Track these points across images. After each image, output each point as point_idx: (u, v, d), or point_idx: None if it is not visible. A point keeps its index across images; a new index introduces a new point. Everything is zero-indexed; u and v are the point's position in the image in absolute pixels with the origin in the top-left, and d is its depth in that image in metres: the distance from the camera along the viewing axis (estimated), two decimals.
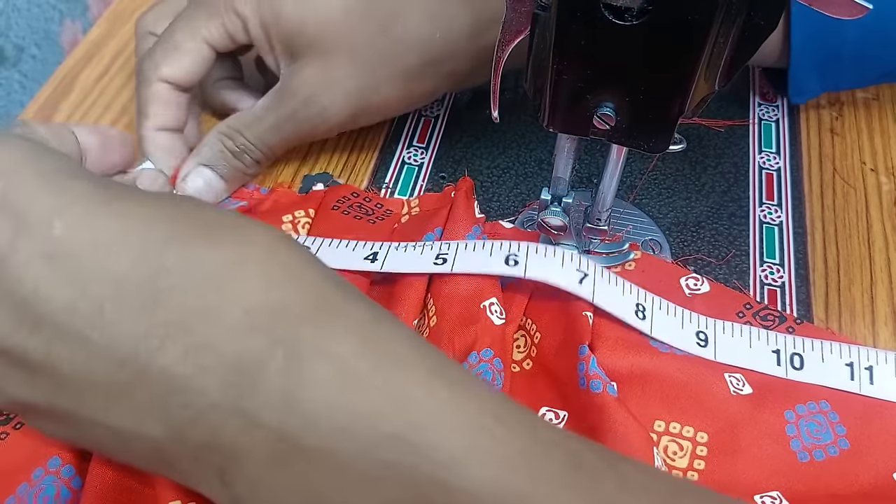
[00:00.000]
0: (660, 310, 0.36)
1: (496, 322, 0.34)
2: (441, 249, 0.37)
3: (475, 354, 0.33)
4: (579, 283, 0.35)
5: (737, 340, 0.35)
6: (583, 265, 0.36)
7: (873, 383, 0.34)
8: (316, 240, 0.39)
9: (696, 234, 0.42)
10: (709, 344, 0.35)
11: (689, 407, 0.34)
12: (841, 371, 0.35)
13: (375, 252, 0.37)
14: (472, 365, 0.33)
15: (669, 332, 0.35)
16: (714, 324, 0.36)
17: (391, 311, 0.28)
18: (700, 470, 0.33)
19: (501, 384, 0.33)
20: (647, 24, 0.27)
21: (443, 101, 0.48)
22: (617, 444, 0.31)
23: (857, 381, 0.34)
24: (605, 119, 0.30)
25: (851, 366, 0.35)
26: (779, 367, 0.35)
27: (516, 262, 0.35)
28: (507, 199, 0.43)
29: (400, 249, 0.37)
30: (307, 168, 0.44)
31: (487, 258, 0.36)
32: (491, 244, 0.37)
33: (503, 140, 0.46)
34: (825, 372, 0.35)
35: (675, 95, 0.29)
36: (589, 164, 0.45)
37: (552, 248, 0.36)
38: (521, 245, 0.36)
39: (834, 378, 0.34)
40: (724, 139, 0.46)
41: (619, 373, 0.34)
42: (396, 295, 0.36)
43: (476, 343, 0.34)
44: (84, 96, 0.47)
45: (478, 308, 0.35)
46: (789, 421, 0.34)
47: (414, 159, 0.45)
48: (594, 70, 0.29)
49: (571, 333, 0.34)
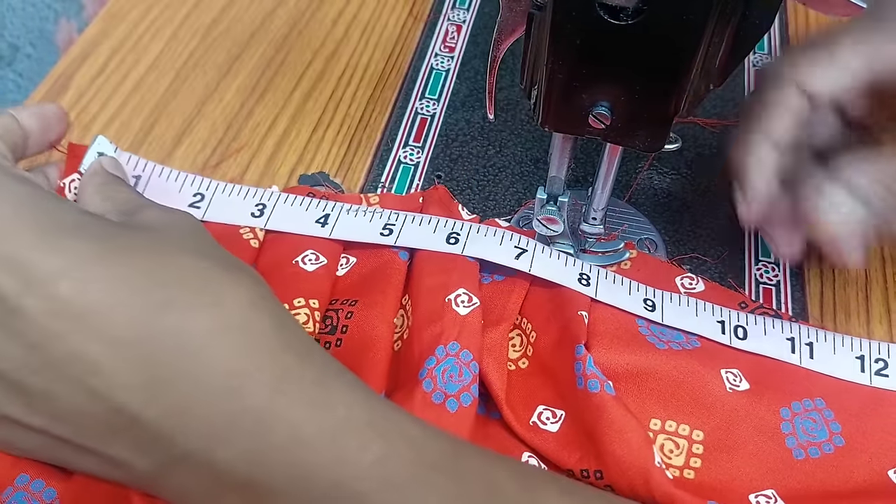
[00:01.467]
0: (605, 279, 0.37)
1: (462, 312, 0.35)
2: (389, 219, 0.38)
3: (442, 349, 0.33)
4: (516, 259, 0.37)
5: (683, 309, 0.37)
6: (521, 242, 0.37)
7: (813, 358, 0.36)
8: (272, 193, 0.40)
9: (692, 233, 0.42)
10: (656, 310, 0.37)
11: (686, 405, 0.34)
12: (783, 345, 0.36)
13: (327, 214, 0.39)
14: (439, 359, 0.33)
15: (615, 296, 0.37)
16: (662, 294, 0.38)
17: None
18: (696, 468, 0.33)
19: (470, 376, 0.33)
20: (642, 23, 0.27)
21: (439, 100, 0.48)
22: (615, 443, 0.31)
23: (797, 355, 0.36)
24: (601, 118, 0.30)
25: (791, 340, 0.36)
26: (723, 335, 0.36)
27: (456, 241, 0.37)
28: (503, 197, 0.43)
29: (351, 213, 0.39)
30: (303, 167, 0.44)
31: (431, 234, 0.38)
32: (437, 221, 0.38)
33: (499, 139, 0.46)
34: (765, 344, 0.36)
35: (670, 94, 0.29)
36: (584, 164, 0.45)
37: (493, 228, 0.38)
38: (463, 224, 0.38)
39: (776, 349, 0.36)
40: (718, 138, 0.46)
41: (616, 371, 0.34)
42: (375, 297, 0.36)
43: (442, 337, 0.34)
44: (79, 95, 0.47)
45: (443, 302, 0.35)
46: (784, 418, 0.34)
47: (410, 158, 0.45)
48: (589, 69, 0.29)
49: (567, 332, 0.34)
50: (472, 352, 0.33)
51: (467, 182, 0.44)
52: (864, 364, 0.36)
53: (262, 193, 0.40)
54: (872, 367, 0.35)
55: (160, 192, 0.40)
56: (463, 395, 0.32)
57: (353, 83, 0.49)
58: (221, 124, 0.46)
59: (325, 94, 0.48)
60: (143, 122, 0.46)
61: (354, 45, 0.51)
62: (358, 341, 0.35)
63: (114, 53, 0.50)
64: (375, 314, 0.35)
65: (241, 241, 0.38)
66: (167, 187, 0.40)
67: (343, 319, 0.36)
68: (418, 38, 0.52)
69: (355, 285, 0.38)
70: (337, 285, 0.38)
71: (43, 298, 0.24)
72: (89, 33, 0.51)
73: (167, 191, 0.40)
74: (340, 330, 0.35)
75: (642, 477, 0.30)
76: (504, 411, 0.33)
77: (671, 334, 0.36)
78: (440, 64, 0.50)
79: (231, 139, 0.45)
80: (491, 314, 0.36)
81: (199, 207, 0.40)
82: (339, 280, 0.38)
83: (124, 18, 0.52)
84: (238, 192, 0.40)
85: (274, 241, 0.39)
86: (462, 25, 0.52)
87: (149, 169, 0.40)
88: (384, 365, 0.34)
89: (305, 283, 0.36)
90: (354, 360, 0.34)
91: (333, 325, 0.36)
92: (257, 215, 0.39)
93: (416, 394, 0.32)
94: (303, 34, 0.52)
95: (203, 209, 0.40)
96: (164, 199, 0.39)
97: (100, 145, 0.40)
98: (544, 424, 0.33)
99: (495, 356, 0.34)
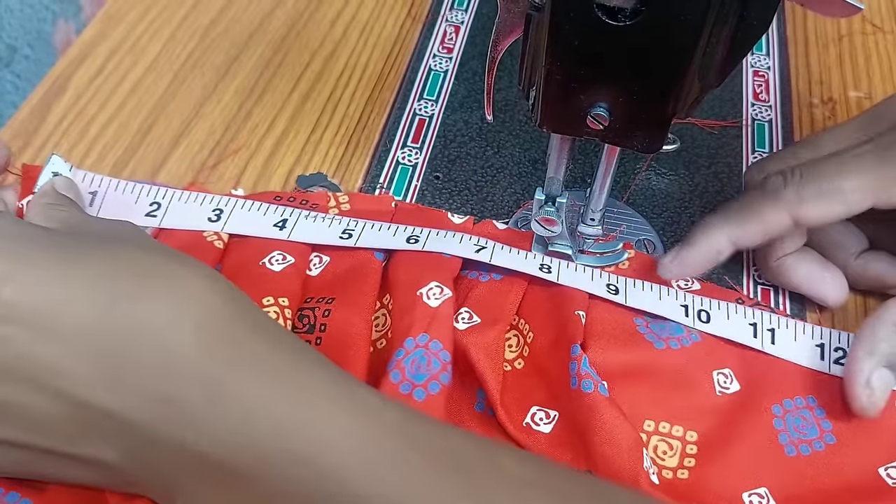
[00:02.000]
0: (567, 267, 0.38)
1: (433, 304, 0.35)
2: (348, 225, 0.39)
3: (411, 340, 0.33)
4: (476, 252, 0.37)
5: (647, 293, 0.37)
6: (481, 242, 0.38)
7: (774, 343, 0.36)
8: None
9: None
10: (619, 293, 0.37)
11: (679, 407, 0.34)
12: (746, 329, 0.36)
13: (286, 219, 0.40)
14: (408, 351, 0.33)
15: (577, 281, 0.37)
16: (625, 280, 0.38)
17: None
18: (690, 468, 0.33)
19: (440, 365, 0.33)
20: (640, 24, 0.27)
21: (437, 100, 0.48)
22: (605, 444, 0.31)
23: (759, 339, 0.36)
24: (599, 119, 0.30)
25: (753, 325, 0.37)
26: (686, 317, 0.37)
27: (416, 240, 0.38)
28: (501, 198, 0.43)
29: (309, 219, 0.40)
30: (301, 168, 0.44)
31: (391, 238, 0.38)
32: (396, 226, 0.39)
33: (497, 140, 0.46)
34: (727, 328, 0.36)
35: (668, 95, 0.29)
36: (583, 164, 0.45)
37: (452, 232, 0.39)
38: (423, 229, 0.39)
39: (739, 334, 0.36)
40: (716, 139, 0.46)
41: (611, 371, 0.34)
42: (352, 295, 0.36)
43: (412, 329, 0.34)
44: (78, 97, 0.47)
45: (414, 295, 0.35)
46: (777, 415, 0.34)
47: (408, 159, 0.45)
48: (587, 70, 0.29)
49: (564, 332, 0.34)
50: (442, 341, 0.33)
51: (465, 183, 0.44)
52: (824, 352, 0.36)
53: (220, 200, 0.40)
54: (832, 356, 0.36)
55: (117, 206, 0.40)
56: (431, 384, 0.32)
57: (351, 84, 0.49)
58: (220, 125, 0.46)
59: (323, 95, 0.48)
60: (141, 123, 0.46)
61: (353, 45, 0.51)
62: (337, 340, 0.35)
63: (112, 55, 0.50)
64: (353, 312, 0.35)
65: (205, 244, 0.38)
66: (123, 200, 0.41)
67: (321, 318, 0.36)
68: (416, 39, 0.52)
69: (330, 284, 0.38)
70: (311, 284, 0.38)
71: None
72: (87, 35, 0.51)
73: (124, 203, 0.40)
74: (319, 328, 0.35)
75: (632, 479, 0.30)
76: (498, 412, 0.33)
77: (671, 329, 0.36)
78: (438, 65, 0.50)
79: (229, 140, 0.45)
80: (488, 314, 0.36)
81: (156, 216, 0.40)
82: (313, 279, 0.38)
83: (122, 20, 0.52)
84: (195, 198, 0.41)
85: (239, 243, 0.39)
86: (460, 26, 0.52)
87: (104, 184, 0.41)
88: (363, 362, 0.34)
89: (273, 283, 0.36)
90: (335, 358, 0.34)
91: (311, 323, 0.36)
92: (214, 220, 0.40)
93: (383, 385, 0.32)
94: (301, 35, 0.52)
95: (160, 217, 0.40)
96: (120, 212, 0.40)
97: (54, 165, 0.40)
98: (537, 425, 0.33)
99: (491, 357, 0.34)
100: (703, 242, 0.36)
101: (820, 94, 0.49)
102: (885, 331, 0.33)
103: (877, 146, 0.33)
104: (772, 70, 0.50)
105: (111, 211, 0.40)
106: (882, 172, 0.33)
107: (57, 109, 0.47)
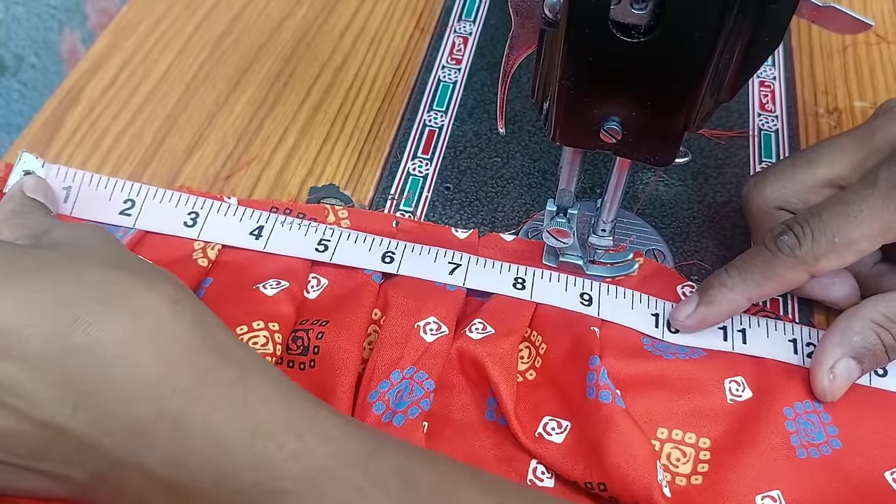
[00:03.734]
0: (541, 279, 0.39)
1: (428, 339, 0.35)
2: (324, 234, 0.40)
3: (398, 373, 0.34)
4: (450, 274, 0.38)
5: (620, 301, 0.38)
6: (455, 258, 0.39)
7: (746, 343, 0.37)
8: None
9: (699, 244, 0.42)
10: (592, 303, 0.38)
11: (691, 414, 0.35)
12: (715, 333, 0.38)
13: (262, 226, 0.40)
14: (393, 384, 0.34)
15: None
16: (598, 287, 0.39)
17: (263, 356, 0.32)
18: (704, 473, 0.33)
19: (422, 392, 0.34)
20: (653, 40, 0.27)
21: (446, 111, 0.48)
22: (620, 456, 0.31)
23: (729, 342, 0.37)
24: (612, 133, 0.31)
25: (724, 328, 0.38)
26: (656, 328, 0.38)
27: (392, 259, 0.39)
28: (511, 209, 0.43)
29: (286, 226, 0.40)
30: (313, 179, 0.45)
31: (366, 253, 0.39)
32: (372, 239, 0.40)
33: (507, 150, 0.46)
34: (697, 337, 0.37)
35: (680, 110, 0.29)
36: (592, 175, 0.45)
37: (429, 247, 0.40)
38: (398, 243, 0.40)
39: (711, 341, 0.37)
40: (724, 149, 0.47)
41: (624, 381, 0.35)
42: (345, 318, 0.36)
43: (400, 362, 0.34)
44: (91, 108, 0.48)
45: (411, 326, 0.36)
46: (788, 417, 0.34)
47: (419, 170, 0.45)
48: (601, 85, 0.30)
49: (581, 344, 0.35)
50: (429, 372, 0.34)
51: (476, 193, 0.44)
52: (797, 347, 0.37)
53: (196, 201, 0.41)
54: (804, 350, 0.37)
55: (91, 201, 0.40)
56: (411, 409, 0.33)
57: (361, 95, 0.49)
58: (232, 137, 0.47)
59: (333, 107, 0.49)
60: (155, 134, 0.47)
61: (362, 57, 0.52)
62: (328, 363, 0.35)
63: (124, 66, 0.50)
64: (345, 336, 0.35)
65: (189, 261, 0.39)
66: (97, 195, 0.41)
67: (314, 340, 0.36)
68: (425, 51, 0.52)
69: (326, 307, 0.38)
70: (308, 307, 0.38)
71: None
72: (99, 46, 0.52)
73: (98, 199, 0.40)
74: (312, 350, 0.36)
75: (645, 491, 0.31)
76: (511, 422, 0.34)
77: (676, 349, 0.37)
78: (447, 76, 0.50)
79: (241, 152, 0.46)
80: (502, 325, 0.36)
81: (130, 215, 0.40)
82: (310, 302, 0.38)
83: (134, 31, 0.53)
84: (170, 198, 0.41)
85: (233, 264, 0.39)
86: (468, 37, 0.53)
87: (78, 178, 0.41)
88: (350, 388, 0.34)
89: (264, 306, 0.36)
90: (328, 382, 0.34)
91: (305, 345, 0.36)
92: (190, 224, 0.40)
93: (367, 418, 0.33)
94: (311, 47, 0.52)
95: (134, 216, 0.40)
96: (94, 208, 0.40)
97: (25, 163, 0.40)
98: (549, 435, 0.34)
99: (504, 368, 0.35)
100: (723, 303, 0.36)
101: (826, 105, 0.50)
102: (861, 325, 0.35)
103: (879, 189, 0.34)
104: (777, 80, 0.51)
105: (85, 208, 0.40)
106: (887, 218, 0.33)
107: (70, 121, 0.47)
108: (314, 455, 0.25)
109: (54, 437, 0.26)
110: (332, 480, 0.25)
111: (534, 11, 0.30)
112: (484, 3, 0.55)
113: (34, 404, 0.26)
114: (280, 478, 0.25)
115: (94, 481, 0.27)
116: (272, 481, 0.25)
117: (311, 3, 0.55)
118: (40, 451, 0.26)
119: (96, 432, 0.26)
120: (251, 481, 0.25)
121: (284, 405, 0.27)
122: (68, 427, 0.26)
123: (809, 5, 0.31)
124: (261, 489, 0.25)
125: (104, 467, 0.26)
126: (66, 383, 0.25)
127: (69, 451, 0.26)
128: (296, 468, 0.25)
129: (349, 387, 0.34)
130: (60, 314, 0.26)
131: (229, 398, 0.26)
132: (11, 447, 0.26)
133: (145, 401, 0.26)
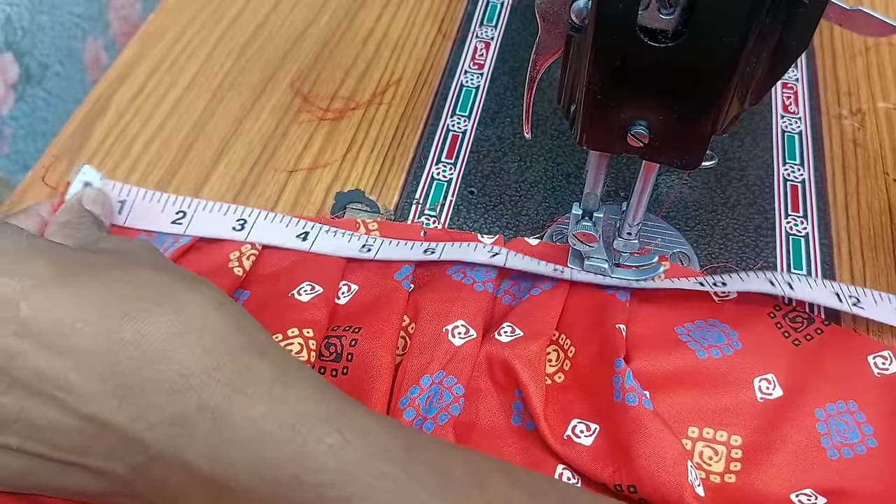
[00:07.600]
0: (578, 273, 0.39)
1: (456, 343, 0.36)
2: (367, 241, 0.41)
3: (427, 378, 0.35)
4: (491, 257, 0.39)
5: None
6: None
7: (793, 289, 0.37)
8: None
9: (724, 247, 0.42)
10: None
11: (722, 412, 0.35)
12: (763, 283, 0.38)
13: (307, 231, 0.41)
14: (423, 389, 0.34)
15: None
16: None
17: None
18: (737, 471, 0.33)
19: (451, 398, 0.34)
20: (681, 45, 0.28)
21: (469, 116, 0.49)
22: (650, 458, 0.31)
23: (777, 287, 0.37)
24: (639, 137, 0.31)
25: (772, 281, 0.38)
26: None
27: (433, 252, 0.40)
28: (535, 212, 0.44)
29: (330, 234, 0.41)
30: (339, 185, 0.45)
31: (408, 251, 0.40)
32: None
33: (530, 154, 0.46)
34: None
35: (708, 114, 0.30)
36: (616, 178, 0.45)
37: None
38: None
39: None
40: (748, 152, 0.47)
41: (654, 380, 0.35)
42: (378, 325, 0.37)
43: (429, 366, 0.35)
44: (119, 116, 0.49)
45: (440, 331, 0.36)
46: (819, 419, 0.34)
47: (443, 175, 0.46)
48: (628, 89, 0.30)
49: (606, 346, 0.35)
50: (458, 377, 0.35)
51: (500, 197, 0.44)
52: (841, 298, 0.37)
53: (243, 210, 0.42)
54: (849, 301, 0.37)
55: (144, 214, 0.42)
56: (441, 416, 0.34)
57: (384, 101, 0.50)
58: (258, 144, 0.47)
59: (357, 113, 0.49)
60: (182, 141, 0.47)
61: (385, 63, 0.52)
62: (362, 370, 0.35)
63: (151, 74, 0.51)
64: (379, 345, 0.36)
65: (226, 270, 0.40)
66: (151, 208, 0.42)
67: (348, 347, 0.36)
68: (448, 56, 0.53)
69: (358, 312, 0.38)
70: (339, 312, 0.39)
71: (4, 321, 0.26)
72: (126, 55, 0.52)
73: (151, 211, 0.42)
74: (346, 358, 0.36)
75: (676, 493, 0.31)
76: (540, 425, 0.34)
77: (713, 338, 0.37)
78: (470, 81, 0.51)
79: (268, 158, 0.46)
80: (530, 327, 0.36)
81: (181, 224, 0.41)
82: (341, 308, 0.39)
83: (160, 39, 0.53)
84: (219, 208, 0.42)
85: (269, 275, 0.40)
86: (490, 42, 0.53)
87: (133, 193, 0.42)
88: (384, 395, 0.35)
89: (299, 313, 0.37)
90: (361, 389, 0.35)
91: (338, 352, 0.36)
92: (238, 229, 0.41)
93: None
94: (334, 53, 0.53)
95: (185, 225, 0.41)
96: (148, 220, 0.42)
97: (85, 174, 0.41)
98: (578, 438, 0.34)
99: (534, 369, 0.35)
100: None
101: (849, 106, 0.50)
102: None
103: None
104: (800, 82, 0.51)
105: (138, 219, 0.42)
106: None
107: (99, 129, 0.48)
108: (352, 448, 0.26)
109: (99, 431, 0.26)
110: (370, 473, 0.25)
111: (560, 17, 0.31)
112: (505, 8, 0.55)
113: (81, 398, 0.26)
114: (319, 470, 0.25)
115: (134, 476, 0.27)
116: (311, 474, 0.25)
117: (334, 10, 0.56)
118: (84, 445, 0.27)
119: (140, 425, 0.26)
120: (291, 474, 0.25)
121: (323, 401, 0.27)
122: (113, 421, 0.26)
123: (836, 8, 0.31)
124: (300, 481, 0.25)
125: (145, 461, 0.26)
126: (114, 377, 0.26)
127: (112, 444, 0.27)
128: (334, 461, 0.26)
129: (383, 393, 0.35)
130: (110, 310, 0.27)
131: (270, 393, 0.27)
132: (56, 441, 0.27)
133: (189, 393, 0.26)
